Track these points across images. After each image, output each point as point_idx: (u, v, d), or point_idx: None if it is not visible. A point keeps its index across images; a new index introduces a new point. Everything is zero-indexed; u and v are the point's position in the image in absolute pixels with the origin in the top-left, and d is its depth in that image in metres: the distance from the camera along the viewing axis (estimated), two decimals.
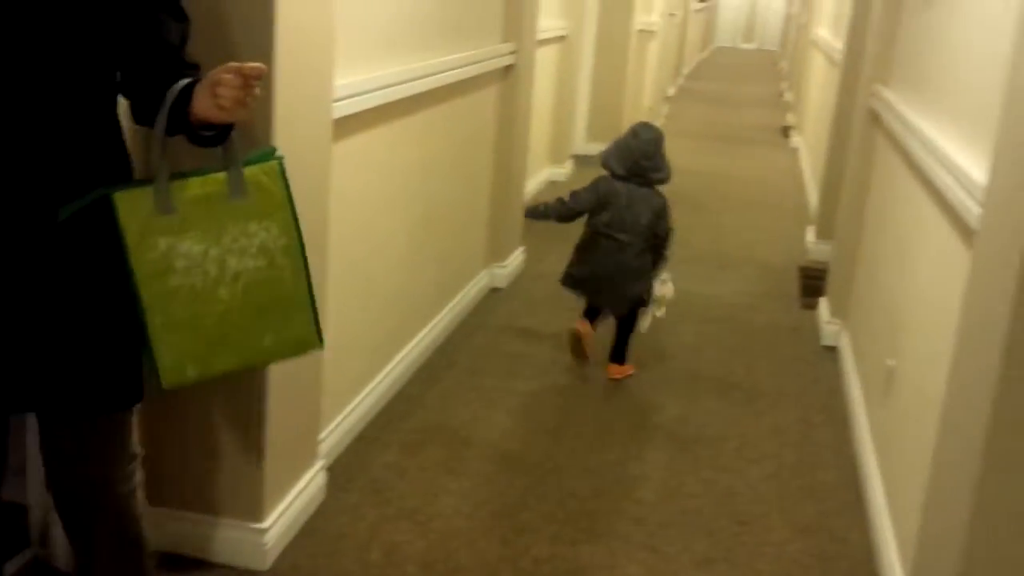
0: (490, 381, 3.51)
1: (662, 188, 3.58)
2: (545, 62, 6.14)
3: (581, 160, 7.41)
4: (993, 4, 2.19)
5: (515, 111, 4.25)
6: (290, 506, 2.40)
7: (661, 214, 3.50)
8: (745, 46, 23.70)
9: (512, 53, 4.15)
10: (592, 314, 3.64)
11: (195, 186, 1.59)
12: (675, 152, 8.58)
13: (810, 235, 5.49)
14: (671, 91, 12.04)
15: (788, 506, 2.80)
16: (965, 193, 1.97)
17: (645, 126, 3.62)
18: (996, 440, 1.52)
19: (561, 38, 6.42)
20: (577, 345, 3.57)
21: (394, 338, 3.31)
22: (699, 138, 9.31)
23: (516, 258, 4.62)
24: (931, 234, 2.41)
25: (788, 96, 12.41)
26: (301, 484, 2.47)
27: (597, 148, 7.89)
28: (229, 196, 1.60)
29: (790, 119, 10.36)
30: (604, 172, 3.57)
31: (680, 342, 4.01)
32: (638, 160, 3.47)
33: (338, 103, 2.48)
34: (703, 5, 16.41)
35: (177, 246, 1.56)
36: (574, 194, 3.61)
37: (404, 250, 3.28)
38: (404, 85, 2.95)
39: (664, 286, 3.55)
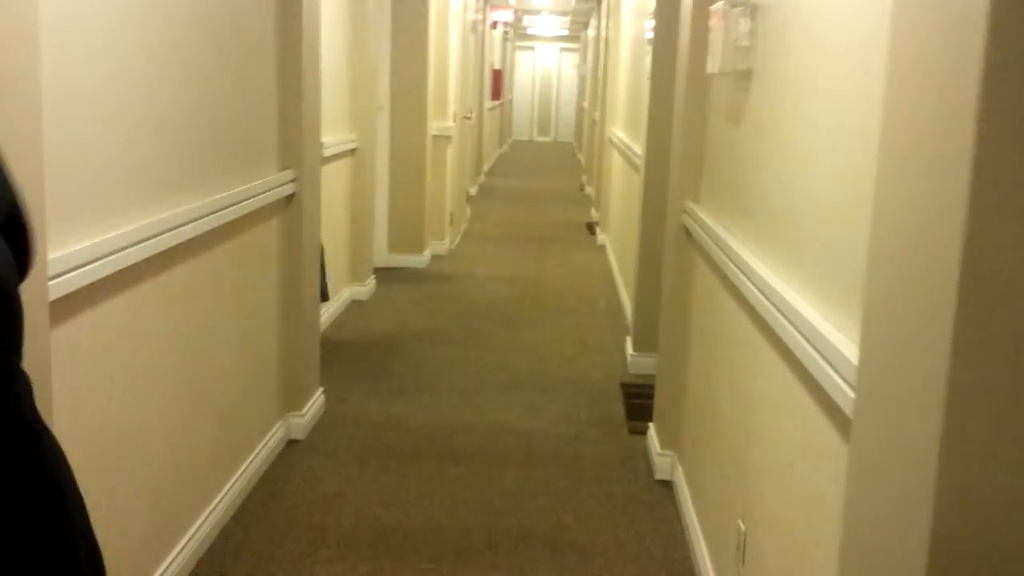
0: (285, 567, 2.97)
1: None
2: (337, 178, 5.74)
3: (384, 274, 7.01)
4: (810, 134, 1.95)
5: (301, 242, 3.79)
6: None
7: None
8: (541, 139, 24.22)
9: (292, 181, 3.70)
10: None
11: None
12: (483, 261, 8.42)
13: (629, 347, 5.25)
14: (472, 190, 11.87)
15: None
16: (824, 361, 1.66)
17: None
18: None
19: (352, 151, 6.03)
20: None
21: (167, 530, 2.73)
22: (505, 241, 9.10)
23: (315, 402, 4.11)
24: (779, 389, 2.11)
25: (589, 190, 12.49)
26: None
27: (401, 260, 7.58)
28: None
29: (594, 215, 10.35)
30: None
31: (503, 490, 3.59)
32: None
33: (55, 281, 1.96)
34: (496, 103, 16.54)
35: None
36: None
37: (166, 428, 2.73)
38: (149, 242, 2.45)
39: None
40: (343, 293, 6.10)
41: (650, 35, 5.02)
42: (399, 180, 7.27)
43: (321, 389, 4.24)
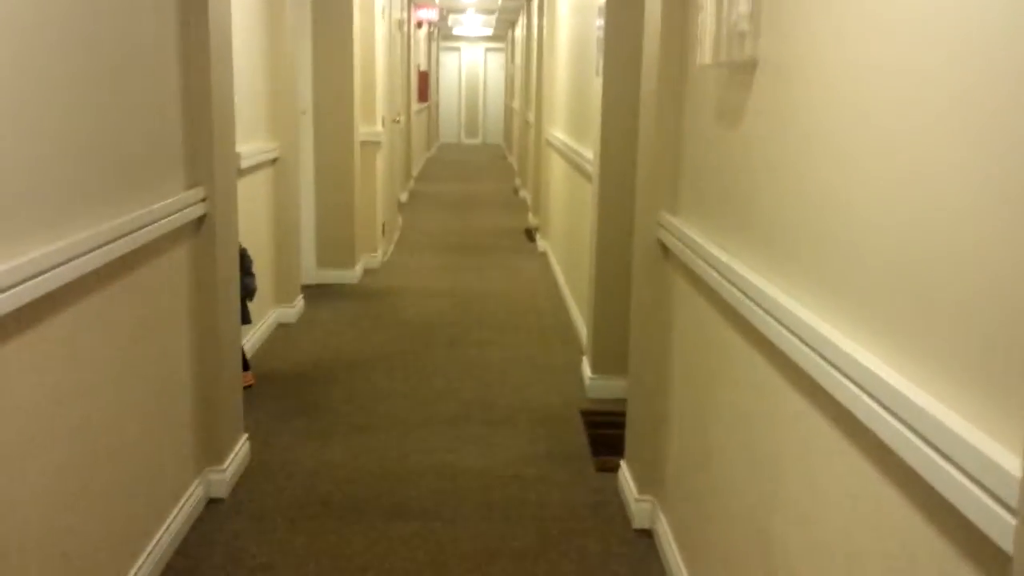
0: None
1: None
2: (257, 191, 5.18)
3: (313, 291, 6.46)
4: (862, 135, 1.52)
5: (215, 270, 3.25)
6: None
7: None
8: (469, 141, 23.74)
9: (203, 201, 3.16)
10: None
11: None
12: (420, 274, 7.86)
13: (586, 369, 4.80)
14: (403, 197, 11.34)
15: None
16: (950, 464, 1.21)
17: None
18: None
19: (273, 161, 5.48)
20: None
21: None
22: (441, 250, 8.59)
23: (239, 453, 3.57)
24: (833, 466, 1.67)
25: (524, 194, 12.05)
26: None
27: (331, 275, 7.00)
28: None
29: (532, 220, 9.90)
30: None
31: (461, 552, 3.10)
32: None
33: None
34: (423, 105, 16.02)
35: None
36: None
37: (48, 511, 2.19)
38: (13, 291, 1.92)
39: None
40: (269, 316, 5.55)
41: (600, 27, 4.58)
42: (326, 190, 6.73)
43: (245, 436, 3.70)
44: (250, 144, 4.92)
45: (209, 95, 3.13)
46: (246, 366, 4.52)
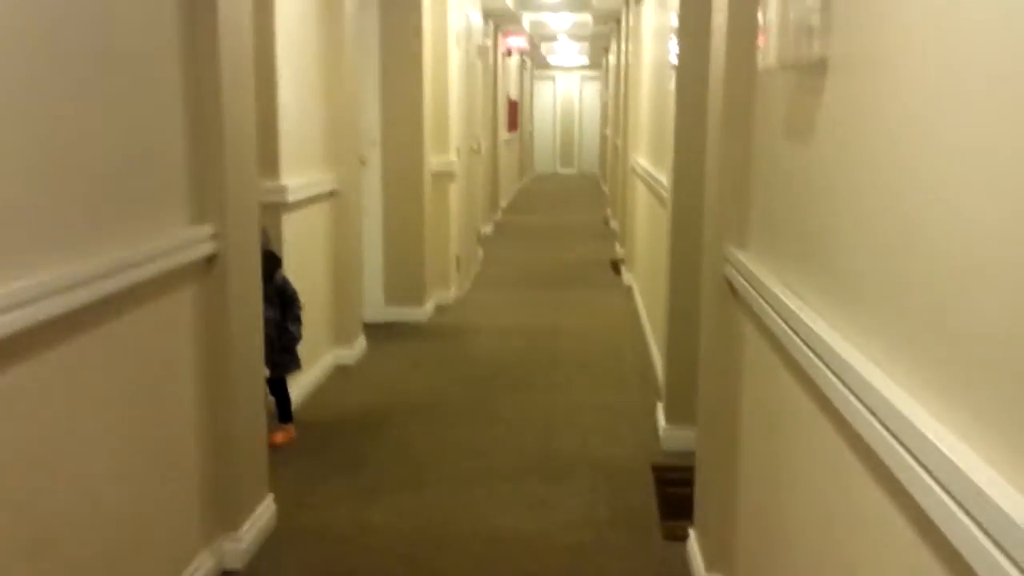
0: None
1: None
2: (311, 226, 4.89)
3: (380, 330, 6.14)
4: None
5: (227, 313, 2.92)
6: None
7: None
8: (564, 171, 23.37)
9: (212, 238, 2.85)
10: None
11: None
12: (495, 311, 7.42)
13: (661, 417, 4.33)
14: (487, 229, 11.03)
15: None
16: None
17: None
18: None
19: (331, 193, 5.19)
20: None
21: None
22: (521, 285, 8.21)
23: (261, 516, 3.22)
24: (889, 549, 1.21)
25: (614, 224, 11.61)
26: None
27: (399, 313, 6.68)
28: None
29: (619, 251, 9.45)
30: None
31: None
32: None
33: None
34: (513, 134, 15.75)
35: None
36: None
37: None
38: None
39: None
40: (326, 358, 5.24)
41: (674, 42, 4.15)
42: (394, 223, 6.42)
43: (270, 497, 3.36)
44: (302, 176, 4.64)
45: (220, 119, 2.82)
46: (289, 417, 4.20)
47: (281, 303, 4.05)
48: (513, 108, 15.30)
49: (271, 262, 3.94)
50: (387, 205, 6.40)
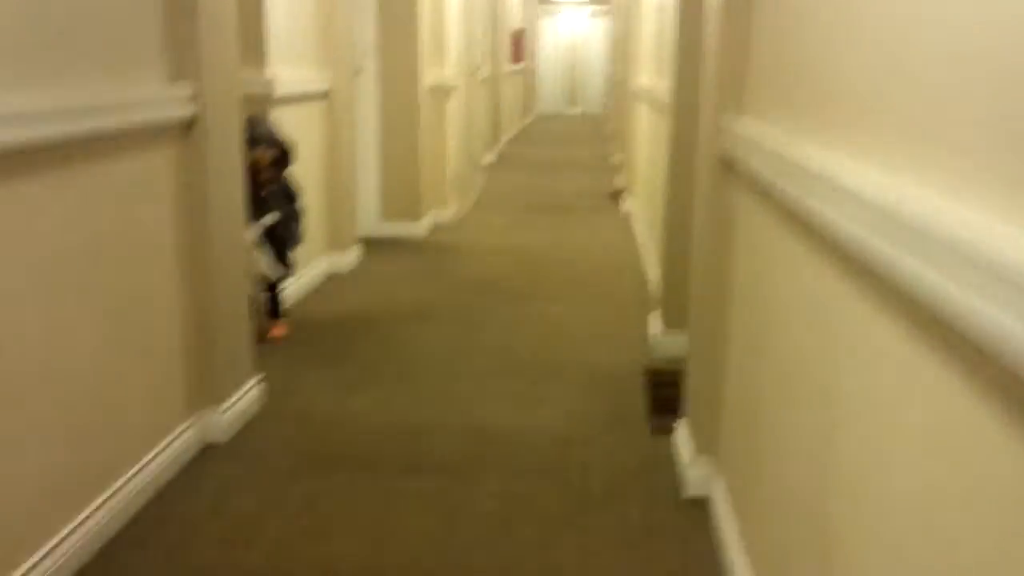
0: None
1: None
2: (304, 125, 4.80)
3: (375, 244, 6.07)
4: None
5: (206, 179, 2.84)
6: None
7: None
8: (569, 111, 23.14)
9: (192, 100, 2.76)
10: None
11: None
12: (492, 231, 7.36)
13: (655, 324, 4.28)
14: (489, 158, 10.91)
15: None
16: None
17: None
18: None
19: (323, 94, 5.08)
20: None
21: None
22: (519, 210, 8.12)
23: (246, 396, 3.19)
24: (912, 387, 1.16)
25: (615, 158, 11.49)
26: None
27: (395, 228, 6.61)
28: None
29: (619, 182, 9.35)
30: None
31: (477, 514, 2.65)
32: None
33: None
34: (518, 67, 15.54)
35: None
36: None
37: None
38: None
39: None
40: (319, 263, 5.17)
41: None
42: (390, 136, 6.32)
43: (258, 377, 3.32)
44: (293, 72, 4.54)
45: None
46: (278, 313, 4.15)
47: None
48: (518, 37, 15.07)
49: (286, 156, 3.93)
50: (383, 117, 6.29)
